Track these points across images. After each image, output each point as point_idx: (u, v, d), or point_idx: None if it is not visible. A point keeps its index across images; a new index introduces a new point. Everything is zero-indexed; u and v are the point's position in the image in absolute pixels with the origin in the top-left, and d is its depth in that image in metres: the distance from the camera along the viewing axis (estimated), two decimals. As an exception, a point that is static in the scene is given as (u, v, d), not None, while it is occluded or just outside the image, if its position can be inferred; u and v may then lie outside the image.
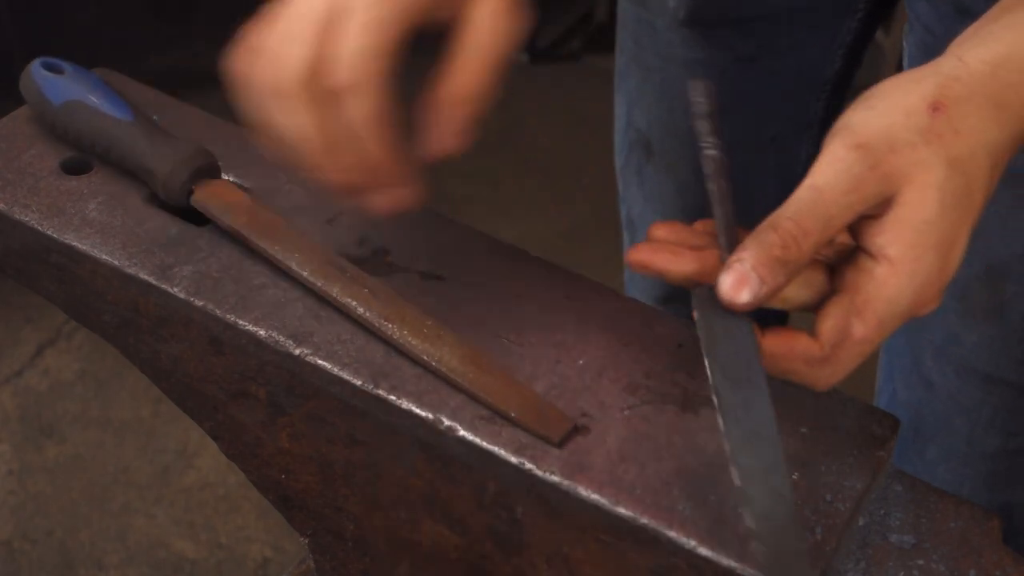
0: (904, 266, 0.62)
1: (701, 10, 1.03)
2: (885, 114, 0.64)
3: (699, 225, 0.72)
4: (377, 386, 0.72)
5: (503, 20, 0.66)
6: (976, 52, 0.65)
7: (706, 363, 0.64)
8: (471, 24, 0.66)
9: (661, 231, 0.71)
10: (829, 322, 0.63)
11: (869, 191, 0.62)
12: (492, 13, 0.66)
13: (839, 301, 0.64)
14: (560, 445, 0.69)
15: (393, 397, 0.71)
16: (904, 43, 0.98)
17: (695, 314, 0.65)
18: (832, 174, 0.62)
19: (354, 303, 0.75)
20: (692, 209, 1.16)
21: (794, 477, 0.68)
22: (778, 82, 1.07)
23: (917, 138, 0.62)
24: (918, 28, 0.95)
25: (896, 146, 0.62)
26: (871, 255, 0.63)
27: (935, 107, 0.63)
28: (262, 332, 0.75)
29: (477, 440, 0.69)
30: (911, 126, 0.63)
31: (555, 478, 0.68)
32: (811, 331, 0.64)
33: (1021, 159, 0.69)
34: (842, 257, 0.66)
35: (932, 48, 0.93)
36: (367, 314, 0.74)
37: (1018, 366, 0.97)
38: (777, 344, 0.64)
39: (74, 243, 0.79)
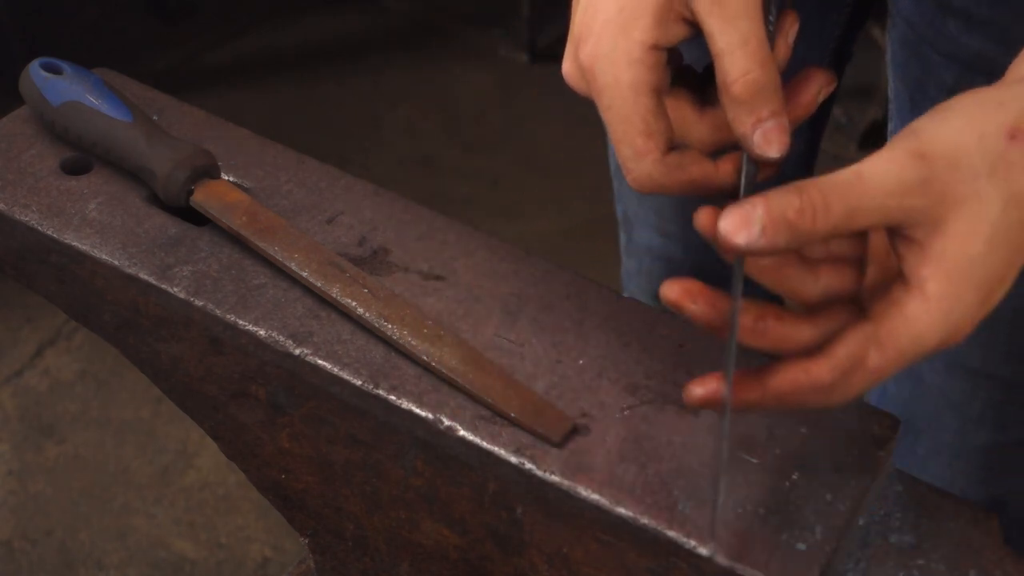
0: (941, 303, 0.59)
1: None
2: (958, 131, 0.60)
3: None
4: (377, 386, 0.72)
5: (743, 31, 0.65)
6: None
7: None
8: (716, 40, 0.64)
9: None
10: (845, 349, 0.60)
11: (913, 203, 0.59)
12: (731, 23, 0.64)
13: (861, 328, 0.60)
14: (560, 445, 0.69)
15: (393, 397, 0.71)
16: (887, 38, 0.98)
17: None
18: (881, 170, 0.59)
19: (354, 303, 0.75)
20: (687, 205, 1.16)
21: (794, 477, 0.68)
22: None
23: (982, 166, 0.59)
24: (900, 23, 0.95)
25: (958, 167, 0.59)
26: (907, 285, 0.60)
27: (1013, 135, 0.59)
28: (262, 332, 0.74)
29: (477, 440, 0.69)
30: (982, 150, 0.59)
31: (555, 478, 0.68)
32: (821, 352, 0.61)
33: None
34: (876, 285, 0.63)
35: (914, 44, 0.93)
36: (367, 314, 0.74)
37: (1007, 360, 0.97)
38: (785, 383, 0.61)
39: (74, 243, 0.79)
